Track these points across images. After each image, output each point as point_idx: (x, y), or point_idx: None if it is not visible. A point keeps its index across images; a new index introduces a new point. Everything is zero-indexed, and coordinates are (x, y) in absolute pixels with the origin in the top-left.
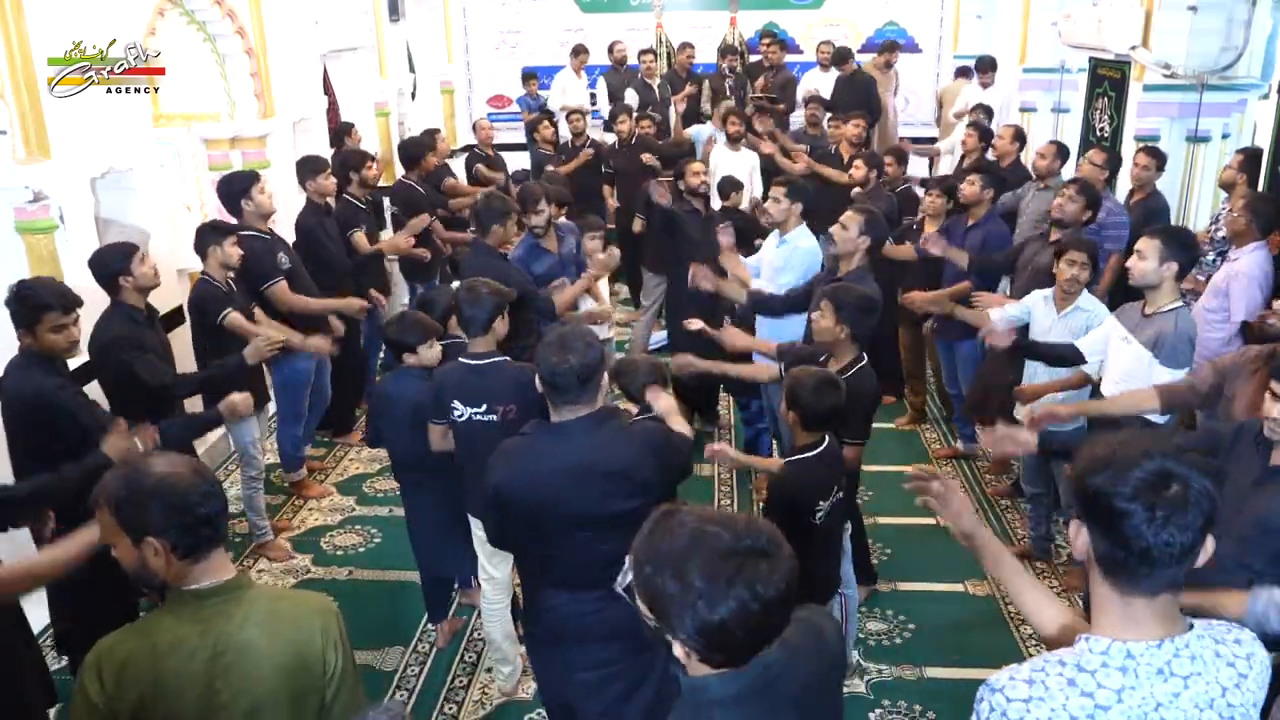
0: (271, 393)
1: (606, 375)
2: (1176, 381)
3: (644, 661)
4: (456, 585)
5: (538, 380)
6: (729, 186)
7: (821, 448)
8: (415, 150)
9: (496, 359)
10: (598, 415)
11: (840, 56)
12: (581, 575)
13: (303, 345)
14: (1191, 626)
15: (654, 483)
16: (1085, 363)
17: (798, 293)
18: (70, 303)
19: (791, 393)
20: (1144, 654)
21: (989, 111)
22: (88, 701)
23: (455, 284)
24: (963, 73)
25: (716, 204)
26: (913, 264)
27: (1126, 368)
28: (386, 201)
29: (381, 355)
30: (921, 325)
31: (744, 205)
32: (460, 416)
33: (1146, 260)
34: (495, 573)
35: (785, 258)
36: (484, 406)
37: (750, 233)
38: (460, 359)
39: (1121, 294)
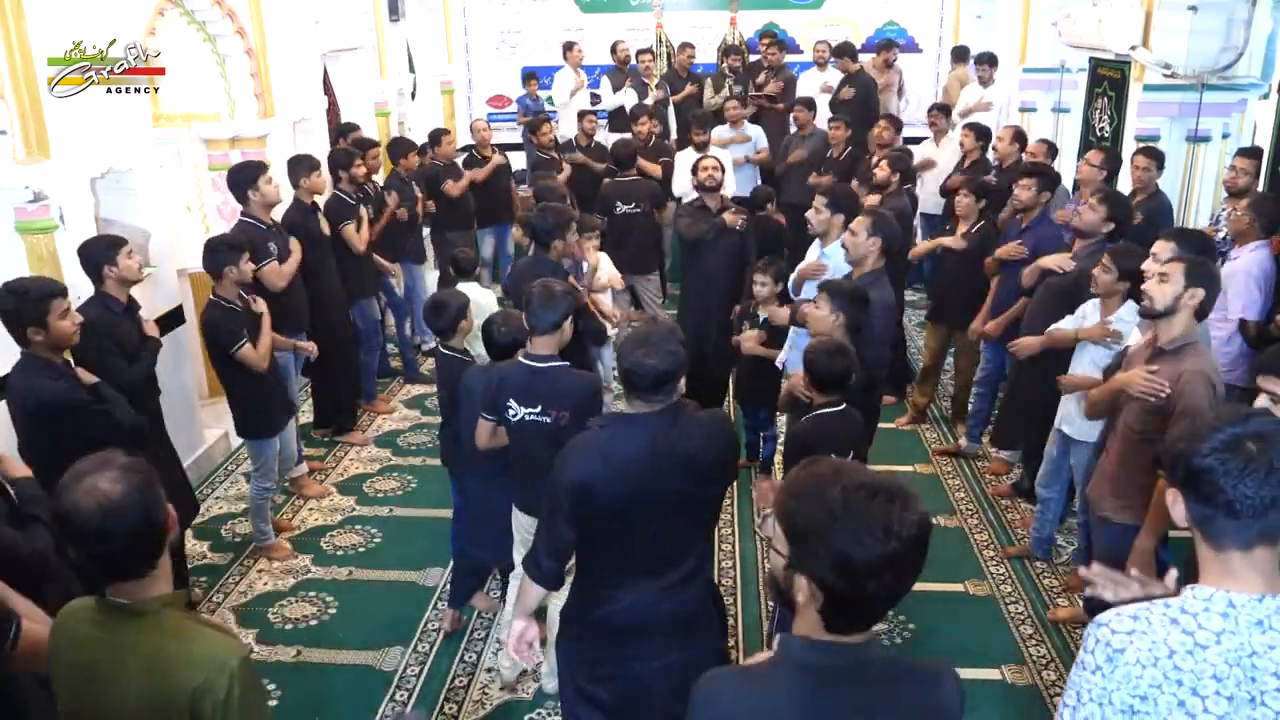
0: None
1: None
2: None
3: (696, 652)
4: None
5: (616, 370)
6: (763, 196)
7: (840, 408)
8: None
9: (558, 363)
10: (672, 408)
11: (841, 52)
12: (649, 566)
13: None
14: None
15: (719, 467)
16: None
17: None
18: (65, 288)
19: (807, 360)
20: (1245, 605)
21: (946, 110)
22: None
23: (461, 285)
24: (958, 56)
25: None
26: (949, 267)
27: None
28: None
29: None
30: (952, 325)
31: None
32: (514, 416)
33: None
34: None
35: (829, 271)
36: (539, 408)
37: (777, 240)
38: (520, 358)
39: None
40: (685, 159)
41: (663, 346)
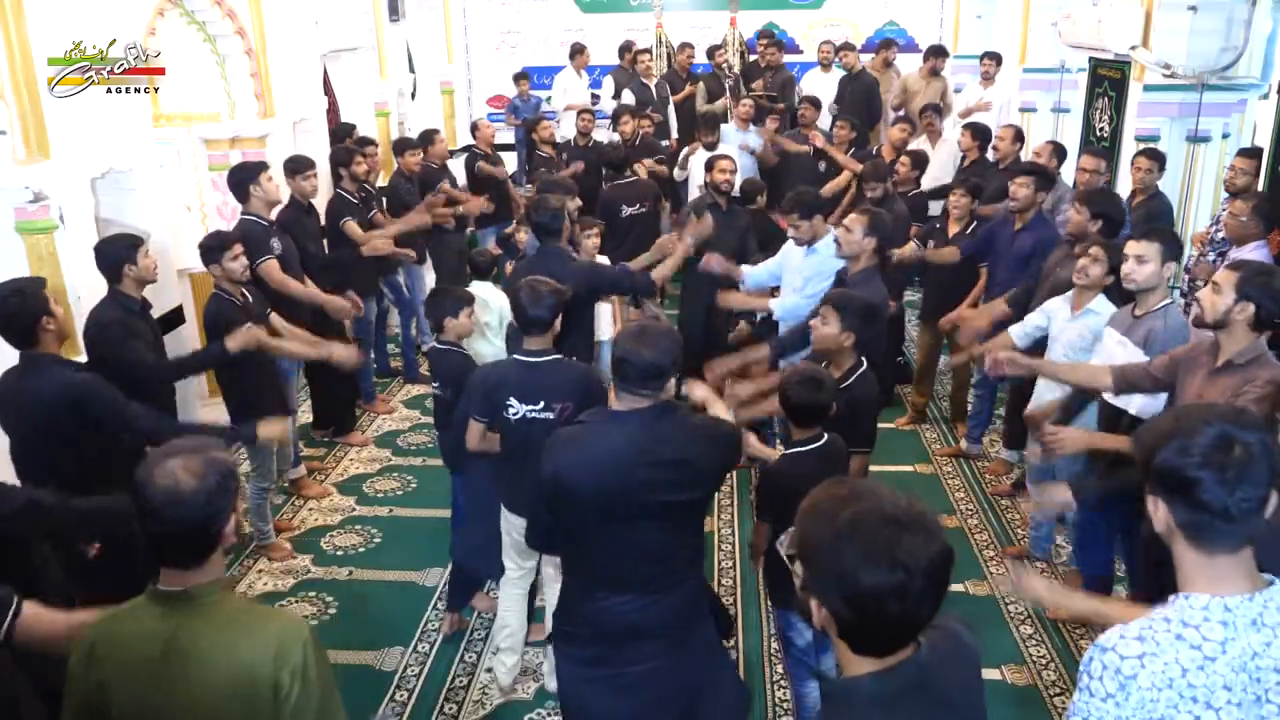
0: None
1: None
2: (1134, 365)
3: (686, 657)
4: None
5: (610, 360)
6: (753, 190)
7: (819, 443)
8: (399, 147)
9: (554, 356)
10: (659, 407)
11: (850, 48)
12: (634, 570)
13: (317, 355)
14: (1272, 582)
15: (714, 473)
16: (1101, 393)
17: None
18: (44, 278)
19: (781, 390)
20: (1239, 606)
21: (938, 110)
22: (70, 675)
23: (475, 285)
24: (935, 53)
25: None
26: (943, 267)
27: None
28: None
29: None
30: (938, 324)
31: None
32: (515, 414)
33: (1149, 263)
34: (526, 562)
35: (815, 267)
36: (541, 404)
37: (768, 235)
38: (515, 356)
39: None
40: (699, 160)
41: (659, 341)
